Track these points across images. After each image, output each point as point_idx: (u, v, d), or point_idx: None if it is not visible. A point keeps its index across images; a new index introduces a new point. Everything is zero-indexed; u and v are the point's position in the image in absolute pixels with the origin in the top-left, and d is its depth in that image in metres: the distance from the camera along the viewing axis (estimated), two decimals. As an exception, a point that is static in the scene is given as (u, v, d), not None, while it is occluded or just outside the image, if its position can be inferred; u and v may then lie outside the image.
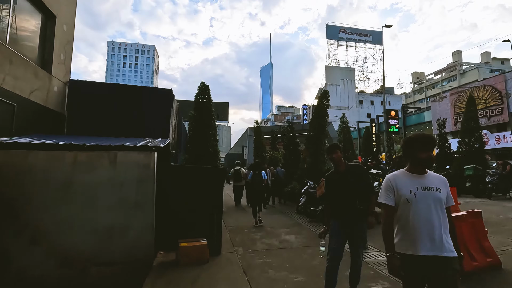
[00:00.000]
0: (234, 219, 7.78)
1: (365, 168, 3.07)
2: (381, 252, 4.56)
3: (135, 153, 4.32)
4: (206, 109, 9.60)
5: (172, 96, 7.61)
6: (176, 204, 4.69)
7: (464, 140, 11.54)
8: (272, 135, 15.69)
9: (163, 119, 7.03)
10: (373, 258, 4.32)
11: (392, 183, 1.92)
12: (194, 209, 4.77)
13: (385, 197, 1.92)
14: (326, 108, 9.65)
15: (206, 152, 9.08)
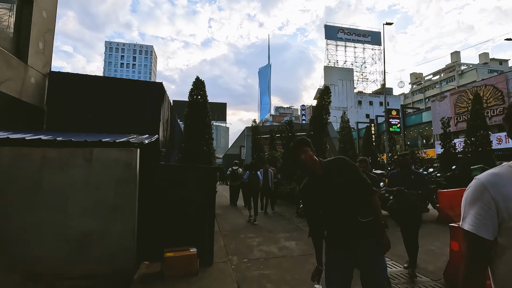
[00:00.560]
0: (230, 223, 7.25)
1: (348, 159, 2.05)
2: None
3: (115, 150, 3.78)
4: (201, 106, 9.08)
5: (163, 90, 7.08)
6: (163, 207, 4.16)
7: (470, 139, 11.09)
8: (270, 134, 15.17)
9: (153, 114, 6.50)
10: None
11: (495, 192, 0.92)
12: (183, 214, 4.24)
13: (477, 222, 0.94)
14: (327, 105, 9.15)
15: (201, 150, 8.56)
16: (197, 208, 4.32)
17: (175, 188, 4.24)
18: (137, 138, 4.47)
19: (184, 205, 4.25)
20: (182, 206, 4.24)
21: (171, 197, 4.21)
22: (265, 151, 15.62)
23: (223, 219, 7.73)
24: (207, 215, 4.35)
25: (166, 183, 4.23)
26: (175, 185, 4.26)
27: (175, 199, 4.22)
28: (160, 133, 6.75)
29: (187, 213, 4.25)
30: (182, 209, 4.24)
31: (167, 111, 7.99)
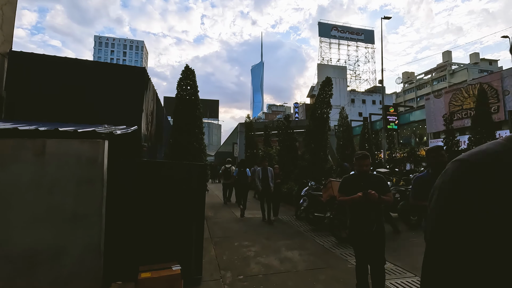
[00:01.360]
0: (222, 226, 6.47)
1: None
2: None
3: (76, 142, 2.94)
4: (191, 97, 8.25)
5: (147, 77, 6.22)
6: (139, 214, 3.35)
7: (475, 136, 10.59)
8: (265, 131, 14.41)
9: (133, 103, 5.65)
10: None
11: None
12: (164, 221, 3.44)
13: None
14: (329, 98, 8.44)
15: (191, 146, 7.73)
16: (181, 213, 3.52)
17: (155, 190, 3.44)
18: (108, 128, 3.64)
19: (167, 210, 3.45)
20: (164, 212, 3.44)
21: (150, 201, 3.40)
22: (259, 148, 14.88)
23: (215, 222, 6.94)
24: (194, 222, 3.56)
25: (144, 183, 3.42)
26: (156, 186, 3.45)
27: (154, 203, 3.42)
28: (143, 125, 5.90)
29: (169, 220, 3.46)
30: (163, 215, 3.43)
31: (151, 101, 7.13)
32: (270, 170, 7.10)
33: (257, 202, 10.29)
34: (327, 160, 8.22)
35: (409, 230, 5.78)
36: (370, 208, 2.76)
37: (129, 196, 3.31)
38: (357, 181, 2.87)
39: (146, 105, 6.31)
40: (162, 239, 3.40)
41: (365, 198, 2.68)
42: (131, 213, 3.29)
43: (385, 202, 2.83)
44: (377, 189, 2.73)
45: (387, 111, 17.09)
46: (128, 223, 3.28)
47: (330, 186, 5.48)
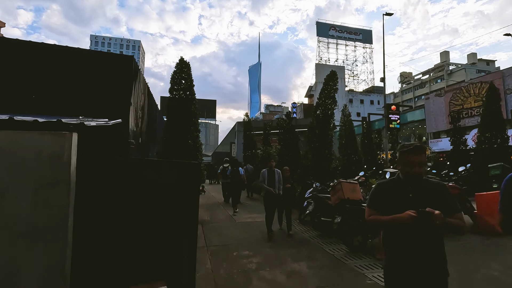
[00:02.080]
0: (219, 232, 5.87)
1: None
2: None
3: (34, 135, 2.33)
4: (186, 91, 7.64)
5: (136, 67, 5.60)
6: (117, 224, 2.74)
7: (485, 134, 10.12)
8: (264, 129, 13.83)
9: (119, 95, 5.03)
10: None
11: None
12: (149, 232, 2.83)
13: None
14: (334, 92, 7.88)
15: (185, 144, 7.11)
16: (171, 222, 2.92)
17: (139, 195, 2.83)
18: (82, 119, 3.03)
19: (151, 218, 2.85)
20: (148, 220, 2.84)
21: (133, 209, 2.79)
22: (258, 147, 14.32)
23: (211, 227, 6.33)
24: (186, 234, 2.96)
25: (125, 188, 2.81)
26: (140, 191, 2.84)
27: (138, 212, 2.81)
28: (131, 120, 5.29)
29: (155, 230, 2.85)
30: (147, 224, 2.83)
31: (142, 95, 6.51)
32: (277, 172, 5.76)
33: (256, 203, 9.74)
34: (331, 159, 7.66)
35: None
36: (426, 236, 1.61)
37: (104, 202, 2.70)
38: (403, 190, 1.70)
39: (135, 98, 5.69)
40: (147, 254, 2.79)
41: (420, 220, 1.52)
42: (106, 223, 2.68)
43: (453, 228, 1.62)
44: (437, 205, 1.54)
45: (389, 109, 16.58)
46: (102, 236, 2.67)
47: (340, 188, 4.91)
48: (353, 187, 4.94)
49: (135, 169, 2.90)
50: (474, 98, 25.16)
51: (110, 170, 2.77)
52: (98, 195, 2.66)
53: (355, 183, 5.05)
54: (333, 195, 5.12)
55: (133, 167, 2.95)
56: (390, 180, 1.85)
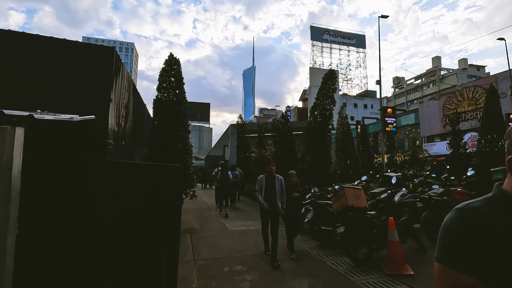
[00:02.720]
0: (209, 243, 5.32)
1: None
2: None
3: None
4: (175, 90, 7.12)
5: (117, 60, 5.08)
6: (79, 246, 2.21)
7: (485, 137, 9.84)
8: (259, 132, 13.36)
9: (97, 90, 4.50)
10: None
11: None
12: (118, 251, 2.31)
13: None
14: (332, 92, 7.47)
15: (174, 146, 6.57)
16: (145, 237, 2.40)
17: (102, 203, 2.31)
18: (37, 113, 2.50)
19: (121, 233, 2.33)
20: (116, 236, 2.31)
21: (94, 220, 2.27)
22: (252, 150, 13.83)
23: (201, 237, 5.79)
24: (163, 248, 2.44)
25: (87, 193, 2.28)
26: (104, 198, 2.32)
27: (101, 224, 2.29)
28: (111, 118, 4.75)
29: (125, 247, 2.33)
30: (115, 241, 2.30)
31: (126, 92, 5.97)
32: (279, 179, 4.50)
33: (250, 208, 9.22)
34: (330, 163, 7.22)
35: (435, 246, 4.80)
36: None
37: (58, 214, 2.16)
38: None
39: (117, 95, 5.15)
40: (114, 276, 2.26)
41: None
42: (60, 242, 2.14)
43: None
44: None
45: (385, 112, 16.31)
46: (53, 258, 2.13)
47: (343, 195, 4.45)
48: (357, 193, 4.49)
49: (102, 173, 2.38)
50: (468, 102, 25.26)
51: (68, 174, 2.25)
52: (50, 206, 2.13)
53: (359, 189, 4.60)
54: (335, 202, 4.66)
55: (101, 170, 2.43)
56: (487, 201, 0.81)
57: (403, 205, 4.77)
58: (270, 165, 4.51)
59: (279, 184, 4.44)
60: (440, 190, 5.66)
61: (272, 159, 4.45)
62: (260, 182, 4.52)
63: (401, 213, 4.60)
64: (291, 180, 5.00)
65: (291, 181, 4.99)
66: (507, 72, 23.06)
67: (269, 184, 4.43)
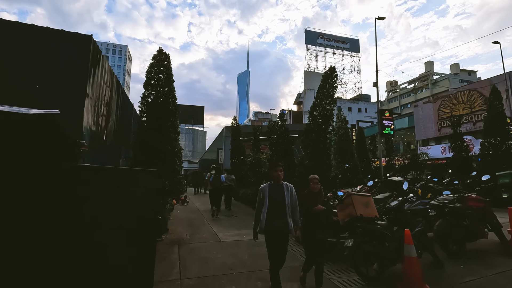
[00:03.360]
0: (199, 257, 4.73)
1: None
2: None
3: None
4: (164, 88, 6.57)
5: (96, 51, 4.52)
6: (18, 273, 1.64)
7: (488, 140, 9.52)
8: (254, 134, 12.84)
9: (70, 83, 3.94)
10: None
11: None
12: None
13: None
14: (333, 91, 7.02)
15: (162, 148, 5.98)
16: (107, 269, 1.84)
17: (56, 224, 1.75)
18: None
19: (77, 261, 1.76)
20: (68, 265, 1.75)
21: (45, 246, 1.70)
22: (247, 154, 13.29)
23: (190, 250, 5.19)
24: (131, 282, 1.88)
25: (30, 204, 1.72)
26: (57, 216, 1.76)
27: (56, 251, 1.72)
28: (87, 115, 4.17)
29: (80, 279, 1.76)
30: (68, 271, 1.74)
31: (108, 88, 5.39)
32: (288, 188, 3.30)
33: (245, 215, 8.64)
34: (330, 167, 6.73)
35: (451, 259, 4.32)
36: None
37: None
38: None
39: (95, 90, 4.58)
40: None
41: None
42: None
43: None
44: None
45: (382, 115, 16.00)
46: None
47: (350, 203, 3.94)
48: (366, 201, 3.99)
49: (56, 179, 1.82)
50: (463, 106, 25.25)
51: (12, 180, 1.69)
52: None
53: (368, 196, 4.11)
54: (340, 210, 4.15)
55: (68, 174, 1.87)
56: None
57: (415, 213, 4.29)
58: (277, 169, 3.31)
59: (289, 195, 3.24)
60: (449, 196, 5.22)
61: (279, 162, 3.42)
62: (262, 193, 3.26)
63: (413, 223, 4.11)
64: (314, 187, 3.79)
65: (314, 188, 3.79)
66: (502, 76, 23.13)
67: (276, 195, 3.20)
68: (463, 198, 4.88)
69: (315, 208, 3.60)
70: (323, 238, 3.58)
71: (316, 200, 3.70)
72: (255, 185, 10.65)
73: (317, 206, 3.61)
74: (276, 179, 3.32)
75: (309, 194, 3.82)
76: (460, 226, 4.51)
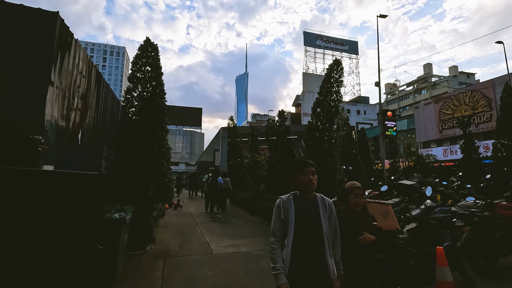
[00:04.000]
0: (187, 274, 4.03)
1: None
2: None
3: None
4: (152, 79, 5.90)
5: (65, 33, 3.85)
6: None
7: (501, 140, 8.93)
8: (252, 134, 12.18)
9: (29, 68, 3.26)
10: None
11: None
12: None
13: None
14: (338, 86, 6.37)
15: (148, 147, 5.29)
16: None
17: None
18: None
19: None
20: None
21: None
22: (244, 155, 12.62)
23: (177, 264, 4.48)
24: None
25: None
26: None
27: None
28: (51, 108, 3.49)
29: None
30: None
31: (83, 78, 4.72)
32: (326, 205, 1.87)
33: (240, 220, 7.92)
34: (336, 169, 6.08)
35: (480, 277, 3.67)
36: None
37: None
38: None
39: (65, 79, 3.90)
40: None
41: None
42: None
43: None
44: None
45: (384, 116, 15.42)
46: None
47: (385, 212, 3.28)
48: (385, 210, 3.33)
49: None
50: (464, 107, 24.78)
51: None
52: None
53: (387, 205, 3.44)
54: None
55: None
56: None
57: (442, 224, 3.64)
58: (307, 171, 1.87)
59: (327, 217, 1.85)
60: (472, 203, 4.58)
61: (309, 160, 1.92)
62: (283, 211, 1.84)
63: (440, 236, 3.47)
64: (356, 202, 2.14)
65: (356, 204, 2.14)
66: (505, 77, 22.69)
67: (307, 217, 1.82)
68: (491, 205, 4.23)
69: (360, 238, 2.05)
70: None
71: (360, 224, 2.11)
72: (253, 188, 9.98)
73: (363, 235, 2.05)
74: (306, 188, 1.84)
75: (348, 213, 2.13)
76: (492, 239, 3.87)
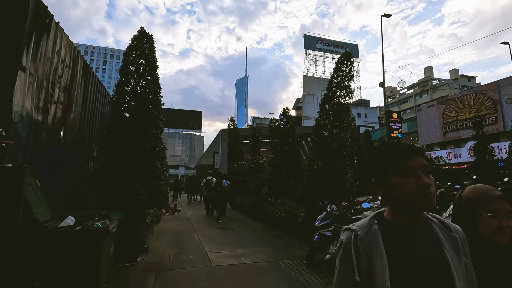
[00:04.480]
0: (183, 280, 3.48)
1: None
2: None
3: None
4: (146, 73, 5.39)
5: (43, 12, 3.35)
6: None
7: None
8: (254, 136, 11.66)
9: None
10: None
11: None
12: None
13: None
14: (348, 81, 5.88)
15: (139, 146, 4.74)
16: None
17: None
18: None
19: None
20: None
21: None
22: (245, 158, 12.10)
23: (170, 279, 3.92)
24: None
25: None
26: None
27: None
28: (21, 97, 2.96)
29: None
30: None
31: (66, 68, 4.20)
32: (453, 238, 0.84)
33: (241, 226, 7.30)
34: (347, 172, 5.54)
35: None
36: None
37: None
38: None
39: (42, 65, 3.37)
40: None
41: None
42: None
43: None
44: None
45: (389, 117, 14.92)
46: None
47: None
48: None
49: None
50: (469, 109, 24.33)
51: None
52: None
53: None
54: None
55: None
56: None
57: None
58: (415, 167, 0.82)
59: (461, 267, 0.81)
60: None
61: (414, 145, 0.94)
62: (359, 259, 0.80)
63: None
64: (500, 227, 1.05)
65: (500, 230, 1.04)
66: (509, 79, 22.28)
67: (417, 271, 0.76)
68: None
69: None
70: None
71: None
72: (254, 192, 9.44)
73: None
74: (415, 203, 0.81)
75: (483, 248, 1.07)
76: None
